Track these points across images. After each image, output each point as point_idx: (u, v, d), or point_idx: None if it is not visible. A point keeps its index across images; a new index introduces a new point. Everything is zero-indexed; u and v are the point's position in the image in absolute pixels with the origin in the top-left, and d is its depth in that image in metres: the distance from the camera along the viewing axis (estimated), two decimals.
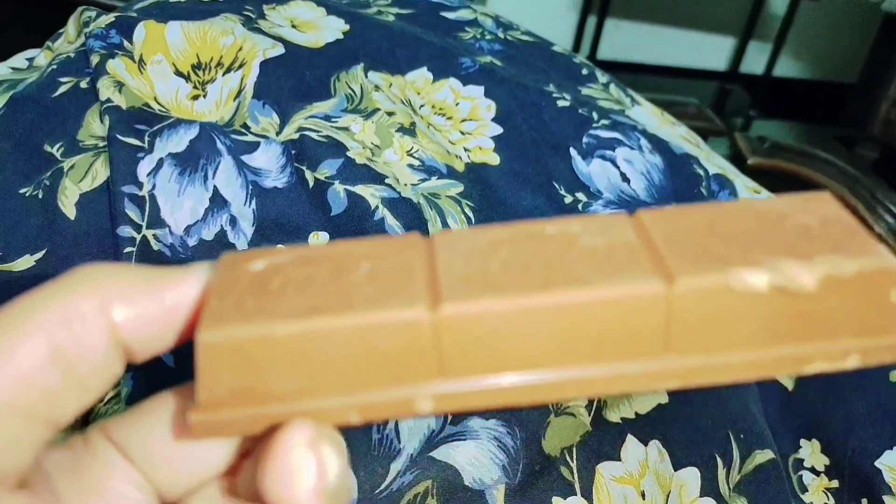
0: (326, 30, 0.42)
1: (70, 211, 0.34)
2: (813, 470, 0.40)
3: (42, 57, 0.44)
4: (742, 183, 0.48)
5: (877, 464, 0.38)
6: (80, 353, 0.15)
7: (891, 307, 0.15)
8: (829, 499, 0.39)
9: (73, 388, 0.15)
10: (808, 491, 0.39)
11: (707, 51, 1.93)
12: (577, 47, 1.86)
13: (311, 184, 0.35)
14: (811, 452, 0.40)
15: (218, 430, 0.16)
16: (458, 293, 0.15)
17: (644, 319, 0.15)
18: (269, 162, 0.36)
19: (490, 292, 0.15)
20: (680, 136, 0.50)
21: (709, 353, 0.15)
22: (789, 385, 0.43)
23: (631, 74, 1.93)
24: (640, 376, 0.15)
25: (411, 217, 0.35)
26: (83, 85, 0.38)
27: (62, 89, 0.38)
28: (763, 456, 0.36)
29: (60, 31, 0.45)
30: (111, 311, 0.16)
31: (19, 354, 0.15)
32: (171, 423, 0.17)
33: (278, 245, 0.34)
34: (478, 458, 0.30)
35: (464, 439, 0.30)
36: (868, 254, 0.15)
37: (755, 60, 1.90)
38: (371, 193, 0.35)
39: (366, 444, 0.30)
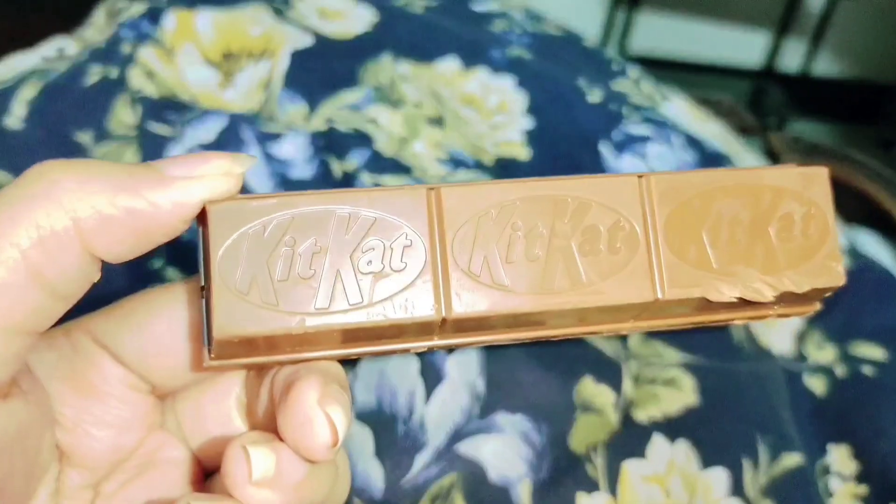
0: (356, 20, 0.42)
1: None
2: (840, 475, 0.39)
3: (72, 46, 0.45)
4: None
5: None
6: (57, 271, 0.15)
7: (822, 297, 0.19)
8: None
9: (53, 301, 0.16)
10: (833, 496, 0.38)
11: (742, 47, 1.90)
12: (605, 41, 1.85)
13: (337, 175, 0.35)
14: (839, 457, 0.40)
15: (227, 369, 0.18)
16: (468, 300, 0.16)
17: (630, 312, 0.18)
18: (296, 152, 0.36)
19: (498, 295, 0.16)
20: (713, 133, 0.49)
21: (661, 320, 0.18)
22: (819, 391, 0.42)
23: (662, 70, 1.91)
24: (603, 331, 0.19)
25: None
26: (114, 74, 0.38)
27: (93, 79, 0.38)
28: (791, 460, 0.36)
29: (90, 19, 0.46)
30: (83, 226, 0.15)
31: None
32: (170, 325, 0.18)
33: None
34: (503, 453, 0.30)
35: (490, 434, 0.30)
36: (826, 271, 0.18)
37: (792, 58, 1.87)
38: (397, 185, 0.35)
39: (392, 435, 0.29)
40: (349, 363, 0.30)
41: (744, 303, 0.18)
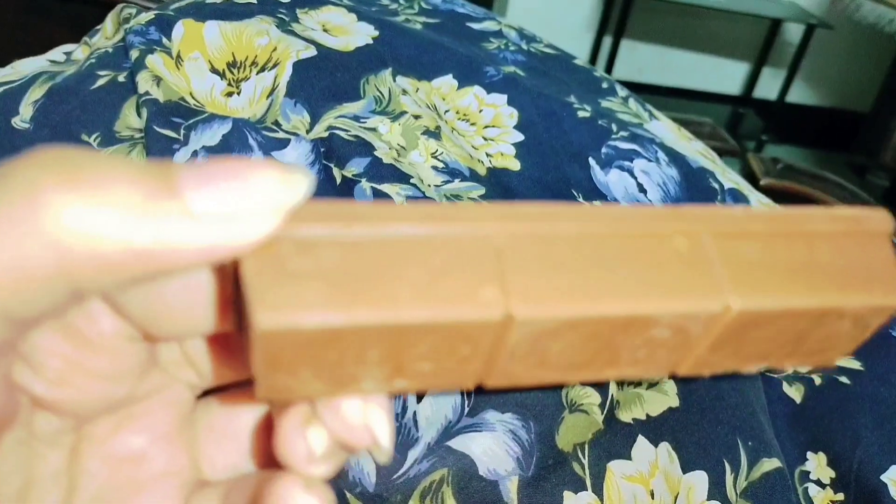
0: (357, 34, 0.44)
1: None
2: (819, 482, 0.40)
3: (80, 51, 0.46)
4: (756, 199, 0.49)
5: (882, 478, 0.38)
6: (35, 311, 0.13)
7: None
8: None
9: (25, 329, 0.14)
10: (813, 503, 0.39)
11: (721, 75, 1.94)
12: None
13: (338, 181, 0.36)
14: (817, 465, 0.41)
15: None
16: (505, 379, 0.16)
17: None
18: (298, 158, 0.37)
19: (536, 377, 0.16)
20: (696, 151, 0.51)
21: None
22: (797, 397, 0.44)
23: (645, 96, 1.94)
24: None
25: None
26: (121, 78, 0.39)
27: (100, 82, 0.39)
28: (770, 464, 0.37)
29: (98, 27, 0.47)
30: (72, 268, 0.12)
31: None
32: (185, 286, 0.15)
33: None
34: (493, 450, 0.31)
35: (480, 431, 0.31)
36: (828, 362, 0.18)
37: (769, 86, 1.91)
38: (396, 192, 0.36)
39: None
40: None
41: None
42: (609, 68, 1.81)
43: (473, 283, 0.14)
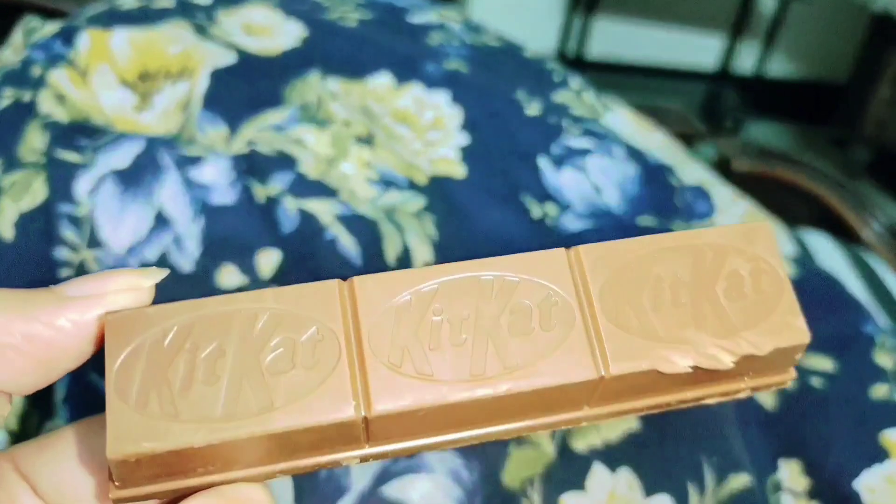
0: (284, 35, 0.41)
1: (8, 232, 0.32)
2: (792, 492, 0.39)
3: None
4: (721, 192, 0.47)
5: (854, 485, 0.37)
6: None
7: (792, 361, 0.17)
8: None
9: None
10: None
11: (697, 50, 1.92)
12: (563, 47, 1.85)
13: (261, 199, 0.34)
14: (790, 473, 0.39)
15: (135, 499, 0.16)
16: (389, 394, 0.15)
17: (574, 395, 0.15)
18: (217, 176, 0.34)
19: (422, 386, 0.15)
20: (657, 144, 0.48)
21: (620, 404, 0.16)
22: (769, 404, 0.42)
23: (620, 74, 1.92)
24: (553, 424, 0.16)
25: (367, 234, 0.34)
26: (26, 98, 0.36)
27: (4, 103, 0.36)
28: (738, 480, 0.35)
29: (8, 40, 0.43)
30: None
31: None
32: (81, 459, 0.17)
33: (225, 264, 0.32)
34: (432, 494, 0.29)
35: (418, 473, 0.29)
36: (787, 328, 0.16)
37: (746, 61, 1.89)
38: (324, 210, 0.33)
39: (312, 481, 0.28)
40: None
41: (705, 375, 0.16)
42: (581, 47, 1.77)
43: None
